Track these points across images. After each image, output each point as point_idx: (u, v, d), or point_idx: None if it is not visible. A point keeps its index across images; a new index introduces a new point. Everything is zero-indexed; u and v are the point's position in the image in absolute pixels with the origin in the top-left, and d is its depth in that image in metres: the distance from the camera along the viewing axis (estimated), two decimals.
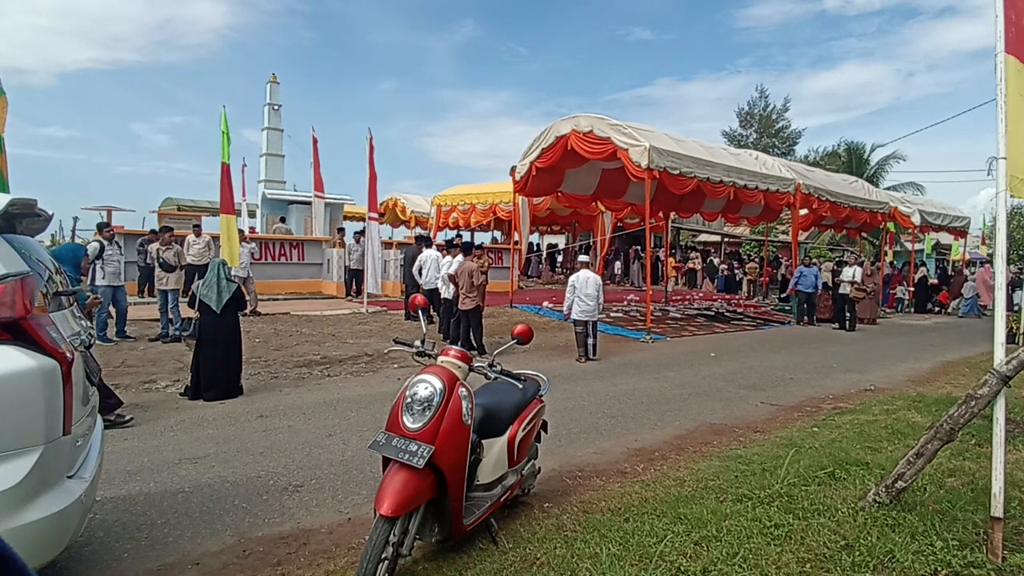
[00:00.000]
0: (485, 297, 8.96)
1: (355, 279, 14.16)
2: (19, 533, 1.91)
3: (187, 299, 7.15)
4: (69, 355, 2.18)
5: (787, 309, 15.23)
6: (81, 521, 2.30)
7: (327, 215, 18.53)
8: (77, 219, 24.01)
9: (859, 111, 71.25)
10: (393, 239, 20.66)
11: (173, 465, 4.08)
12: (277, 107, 27.94)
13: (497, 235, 24.84)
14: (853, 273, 12.91)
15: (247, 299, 7.94)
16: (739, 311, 15.06)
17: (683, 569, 2.62)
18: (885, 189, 22.74)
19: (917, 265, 19.12)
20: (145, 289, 12.44)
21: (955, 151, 74.93)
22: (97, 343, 6.17)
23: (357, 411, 5.54)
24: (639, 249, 20.22)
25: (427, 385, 2.56)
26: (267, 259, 14.40)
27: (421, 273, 10.68)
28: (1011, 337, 6.65)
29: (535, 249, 24.11)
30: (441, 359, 2.74)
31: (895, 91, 74.79)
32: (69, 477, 2.21)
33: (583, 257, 9.17)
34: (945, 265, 22.80)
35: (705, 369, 7.98)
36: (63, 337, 2.24)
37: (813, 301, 13.68)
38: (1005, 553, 2.66)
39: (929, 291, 18.58)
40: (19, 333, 2.02)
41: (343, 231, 16.93)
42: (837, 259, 19.25)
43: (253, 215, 22.58)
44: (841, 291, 12.99)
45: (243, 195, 20.48)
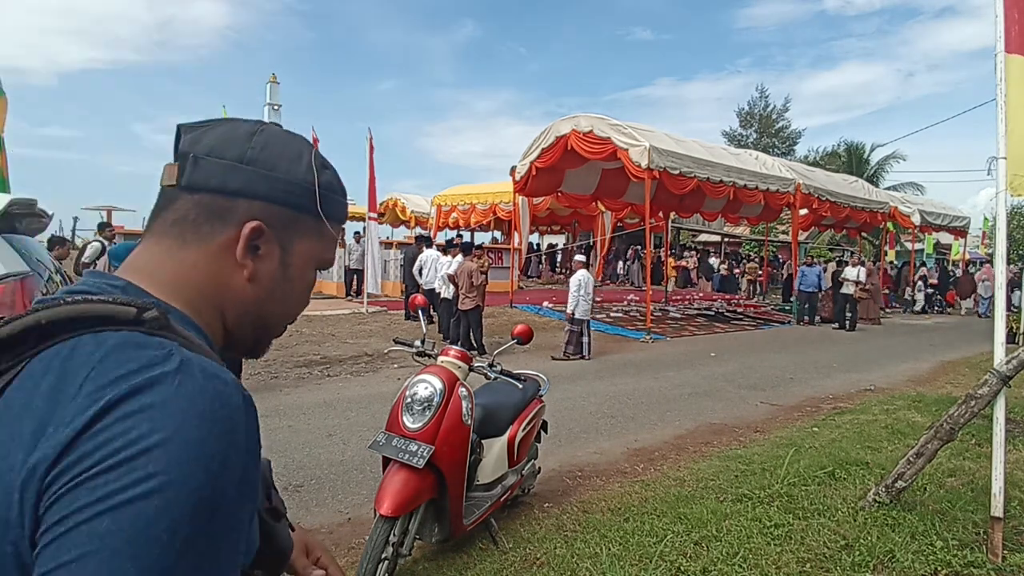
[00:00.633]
0: (485, 297, 8.95)
1: (355, 279, 14.16)
2: None
3: None
4: None
5: (787, 309, 15.23)
6: None
7: None
8: (77, 219, 23.99)
9: (859, 111, 71.38)
10: (393, 239, 20.67)
11: None
12: (277, 107, 27.92)
13: (497, 235, 24.83)
14: (857, 273, 12.92)
15: None
16: (739, 311, 15.07)
17: (683, 569, 2.62)
18: (885, 189, 22.73)
19: (917, 265, 19.13)
20: None
21: (955, 151, 74.97)
22: None
23: (357, 411, 5.54)
24: (639, 249, 20.22)
25: (427, 385, 2.56)
26: None
27: (421, 273, 10.68)
28: (1011, 337, 6.65)
29: (535, 249, 24.12)
30: (441, 359, 2.74)
31: (895, 91, 74.87)
32: None
33: (580, 257, 9.17)
34: (945, 265, 22.78)
35: (705, 369, 7.98)
36: None
37: (814, 301, 13.68)
38: (1005, 553, 2.66)
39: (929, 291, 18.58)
40: None
41: (343, 231, 16.91)
42: (837, 259, 19.25)
43: None
44: (844, 291, 12.99)
45: None
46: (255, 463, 0.52)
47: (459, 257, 9.11)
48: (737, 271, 21.45)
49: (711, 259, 23.08)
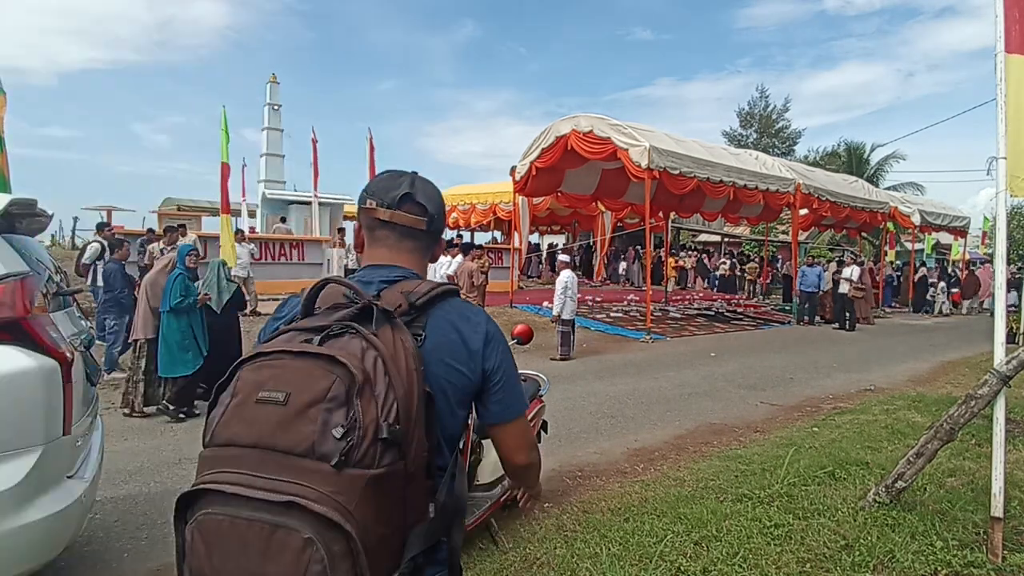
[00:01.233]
0: (485, 297, 8.95)
1: None
2: (19, 533, 1.91)
3: None
4: (69, 355, 2.18)
5: (787, 309, 15.23)
6: (81, 521, 2.30)
7: (327, 215, 18.53)
8: (77, 219, 23.95)
9: (859, 111, 71.34)
10: None
11: (173, 465, 4.08)
12: (277, 107, 27.89)
13: (497, 235, 24.82)
14: (851, 272, 12.98)
15: (247, 299, 7.94)
16: (739, 311, 15.06)
17: (683, 569, 2.62)
18: (885, 189, 22.72)
19: (917, 266, 19.12)
20: None
21: (955, 151, 74.94)
22: (97, 343, 6.16)
23: None
24: (639, 248, 20.21)
25: None
26: (267, 259, 14.38)
27: None
28: (1011, 337, 6.65)
29: (536, 249, 24.11)
30: None
31: (895, 91, 74.83)
32: (69, 477, 2.21)
33: (564, 257, 9.16)
34: (945, 265, 22.77)
35: (705, 369, 7.98)
36: (63, 337, 2.24)
37: (814, 301, 13.68)
38: (1005, 553, 2.66)
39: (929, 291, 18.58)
40: (19, 333, 2.02)
41: (343, 231, 16.92)
42: (837, 259, 19.27)
43: (253, 215, 22.55)
44: (840, 290, 13.03)
45: (243, 195, 20.49)
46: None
47: (459, 257, 9.11)
48: (738, 271, 21.42)
49: (711, 259, 23.06)
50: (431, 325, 1.00)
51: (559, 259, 9.15)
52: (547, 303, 12.89)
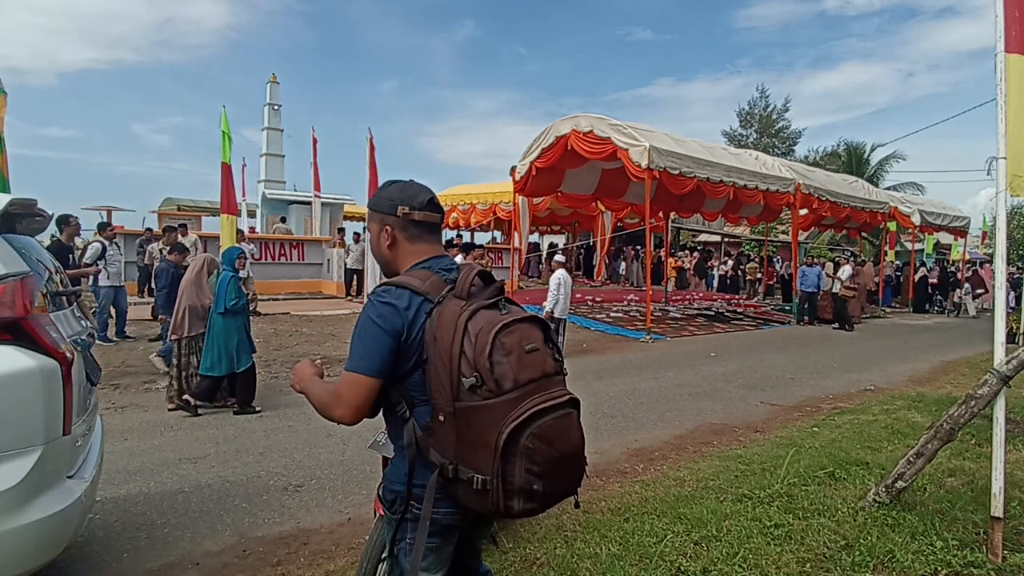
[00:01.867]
0: None
1: (355, 279, 14.17)
2: (19, 533, 1.91)
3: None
4: (69, 355, 2.18)
5: (787, 309, 15.23)
6: (81, 521, 2.30)
7: (327, 215, 18.53)
8: (77, 219, 23.93)
9: (859, 111, 71.27)
10: None
11: (173, 465, 4.08)
12: (277, 107, 27.93)
13: (497, 235, 24.83)
14: (843, 272, 13.16)
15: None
16: (739, 311, 15.06)
17: (683, 569, 2.62)
18: (885, 189, 22.72)
19: (917, 266, 19.11)
20: (145, 289, 12.43)
21: (955, 151, 74.94)
22: (97, 343, 6.16)
23: None
24: (639, 248, 20.21)
25: None
26: (267, 259, 14.39)
27: None
28: (1011, 337, 6.65)
29: (535, 249, 24.11)
30: None
31: (895, 91, 74.76)
32: (69, 477, 2.21)
33: (559, 257, 9.18)
34: (945, 265, 22.76)
35: (705, 369, 7.98)
36: (63, 337, 2.24)
37: (814, 301, 13.70)
38: (1005, 553, 2.66)
39: (929, 291, 18.58)
40: (19, 333, 2.02)
41: (343, 231, 16.93)
42: (836, 259, 19.27)
43: (253, 215, 22.55)
44: (833, 290, 13.15)
45: (243, 195, 20.47)
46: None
47: (459, 257, 9.11)
48: (741, 271, 21.40)
49: (712, 259, 23.03)
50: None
51: (554, 259, 9.17)
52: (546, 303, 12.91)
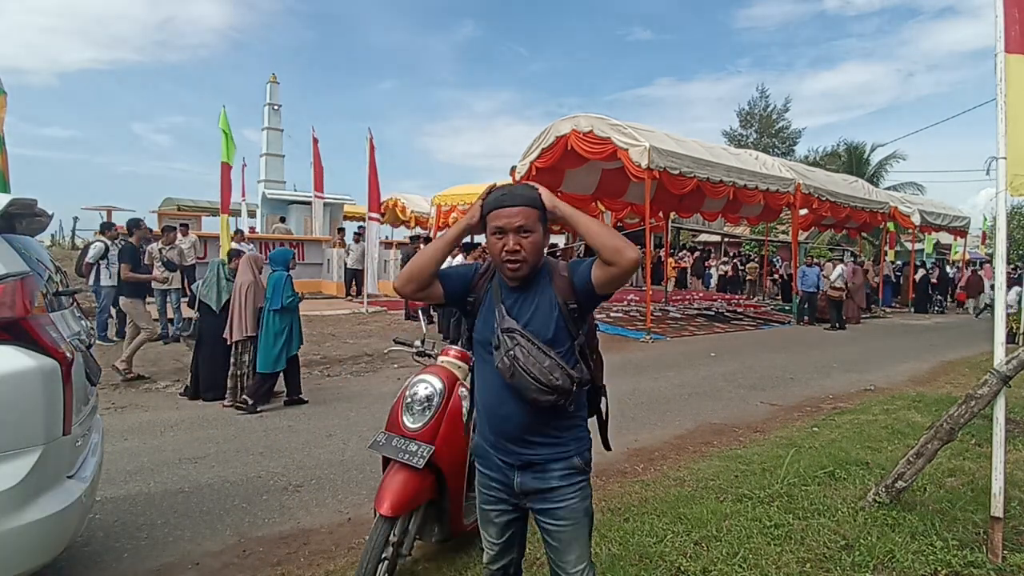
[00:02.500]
0: None
1: (355, 279, 14.17)
2: (19, 533, 1.91)
3: (187, 299, 7.15)
4: (69, 355, 2.18)
5: (787, 309, 15.24)
6: (81, 521, 2.30)
7: (327, 215, 18.53)
8: (77, 219, 23.95)
9: (859, 111, 71.23)
10: (393, 239, 20.65)
11: (173, 465, 4.08)
12: (277, 107, 27.89)
13: None
14: (832, 272, 13.30)
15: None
16: (739, 311, 15.06)
17: (683, 569, 2.62)
18: (885, 189, 22.71)
19: (917, 265, 19.11)
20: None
21: (955, 151, 74.97)
22: (97, 343, 6.16)
23: (357, 411, 5.54)
24: (639, 248, 20.15)
25: (427, 385, 2.56)
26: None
27: None
28: (1011, 337, 6.65)
29: None
30: (441, 359, 2.74)
31: (895, 91, 74.72)
32: (69, 477, 2.21)
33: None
34: (945, 265, 22.77)
35: (705, 369, 7.98)
36: (63, 337, 2.24)
37: (814, 301, 13.71)
38: (1005, 553, 2.66)
39: (929, 291, 18.58)
40: (19, 333, 2.02)
41: (343, 231, 16.94)
42: (833, 259, 19.30)
43: (253, 215, 22.56)
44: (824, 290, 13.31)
45: (243, 195, 20.48)
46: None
47: (459, 257, 9.09)
48: (741, 271, 21.39)
49: (710, 260, 23.03)
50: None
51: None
52: None
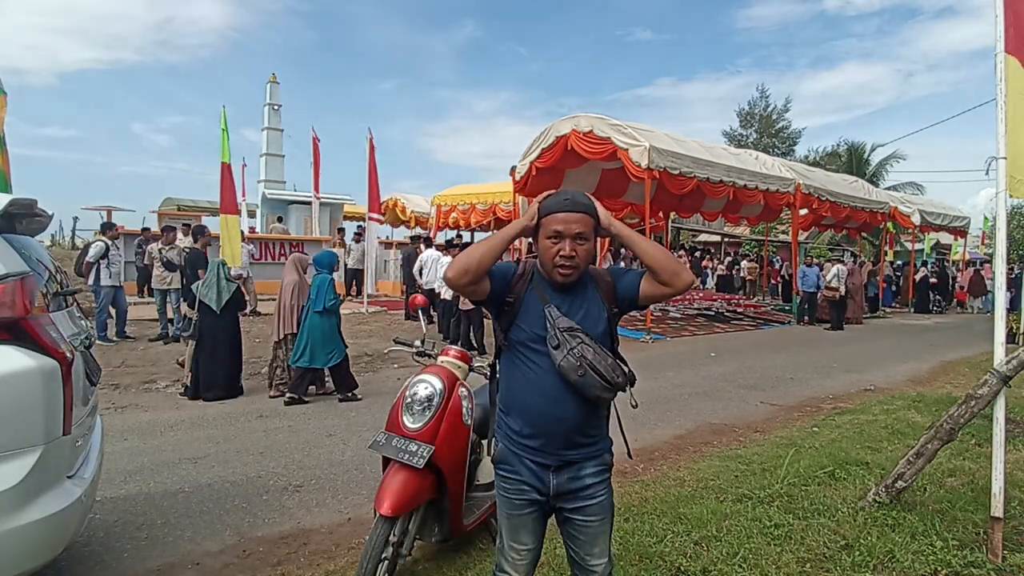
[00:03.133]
0: None
1: (355, 279, 14.17)
2: (19, 533, 1.91)
3: (187, 299, 7.15)
4: (69, 355, 2.18)
5: (787, 309, 15.24)
6: (81, 521, 2.30)
7: (327, 215, 18.54)
8: (77, 219, 23.99)
9: (859, 111, 71.29)
10: (393, 239, 20.65)
11: (173, 465, 4.08)
12: (277, 107, 27.91)
13: None
14: (828, 272, 13.37)
15: (247, 299, 7.94)
16: (739, 311, 15.06)
17: (683, 569, 2.62)
18: (885, 189, 22.71)
19: (917, 265, 19.11)
20: (144, 289, 12.43)
21: (955, 151, 74.97)
22: (97, 343, 6.16)
23: (357, 411, 5.54)
24: None
25: (427, 385, 2.56)
26: (267, 259, 14.40)
27: (421, 273, 10.69)
28: (1011, 337, 6.64)
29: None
30: (441, 359, 2.74)
31: (895, 91, 74.79)
32: (69, 477, 2.21)
33: None
34: (945, 264, 22.76)
35: (705, 369, 7.98)
36: (63, 337, 2.24)
37: (815, 301, 13.72)
38: (1005, 553, 2.66)
39: (929, 291, 18.58)
40: (19, 333, 2.02)
41: (343, 231, 16.95)
42: (833, 259, 19.31)
43: (253, 215, 22.56)
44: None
45: (243, 195, 20.48)
46: None
47: (436, 252, 9.10)
48: (736, 270, 21.36)
49: (707, 260, 23.00)
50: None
51: None
52: None
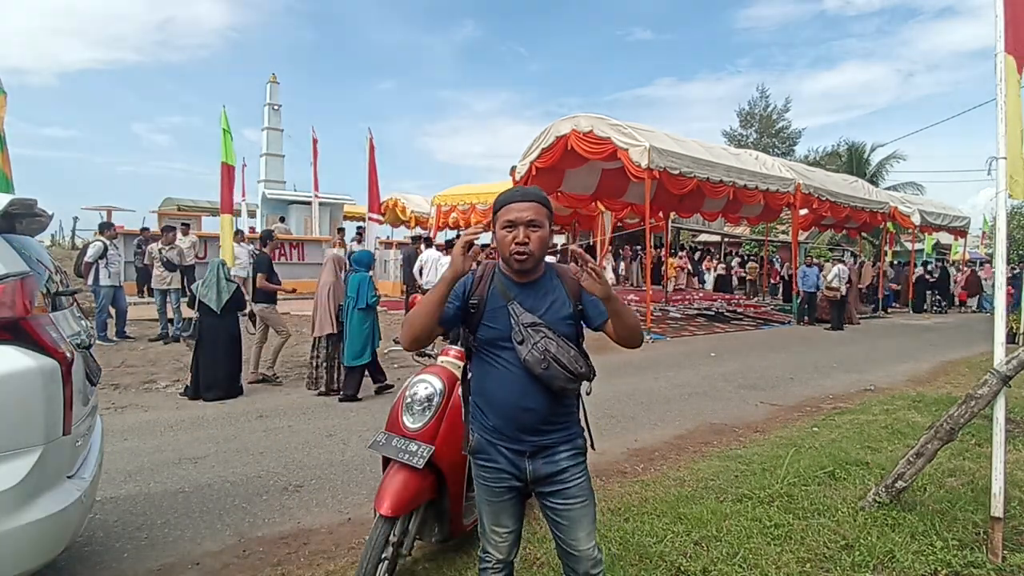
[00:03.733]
0: None
1: None
2: (19, 533, 1.91)
3: (187, 299, 7.15)
4: (69, 355, 2.18)
5: (787, 309, 15.24)
6: (81, 521, 2.30)
7: (327, 215, 18.55)
8: (77, 219, 23.99)
9: (859, 111, 71.37)
10: (393, 239, 20.65)
11: (173, 465, 4.08)
12: (277, 107, 27.91)
13: None
14: (828, 272, 13.39)
15: (247, 299, 7.93)
16: (739, 311, 15.06)
17: (683, 569, 2.62)
18: (885, 189, 22.71)
19: (918, 265, 19.10)
20: (144, 289, 12.44)
21: (955, 151, 74.99)
22: (97, 343, 6.16)
23: (357, 411, 5.54)
24: (637, 248, 20.19)
25: (427, 385, 2.56)
26: None
27: (421, 273, 10.68)
28: (1011, 337, 6.64)
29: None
30: (441, 359, 2.74)
31: (895, 91, 74.89)
32: (69, 477, 2.21)
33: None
34: (944, 265, 22.76)
35: (705, 369, 7.98)
36: (63, 337, 2.24)
37: (814, 301, 13.73)
38: (1005, 553, 2.66)
39: (926, 290, 18.59)
40: (19, 333, 2.02)
41: (343, 231, 16.94)
42: (834, 259, 19.31)
43: (253, 215, 22.57)
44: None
45: (243, 195, 20.49)
46: None
47: (438, 253, 9.10)
48: (737, 271, 21.37)
49: (706, 260, 23.03)
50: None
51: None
52: None
